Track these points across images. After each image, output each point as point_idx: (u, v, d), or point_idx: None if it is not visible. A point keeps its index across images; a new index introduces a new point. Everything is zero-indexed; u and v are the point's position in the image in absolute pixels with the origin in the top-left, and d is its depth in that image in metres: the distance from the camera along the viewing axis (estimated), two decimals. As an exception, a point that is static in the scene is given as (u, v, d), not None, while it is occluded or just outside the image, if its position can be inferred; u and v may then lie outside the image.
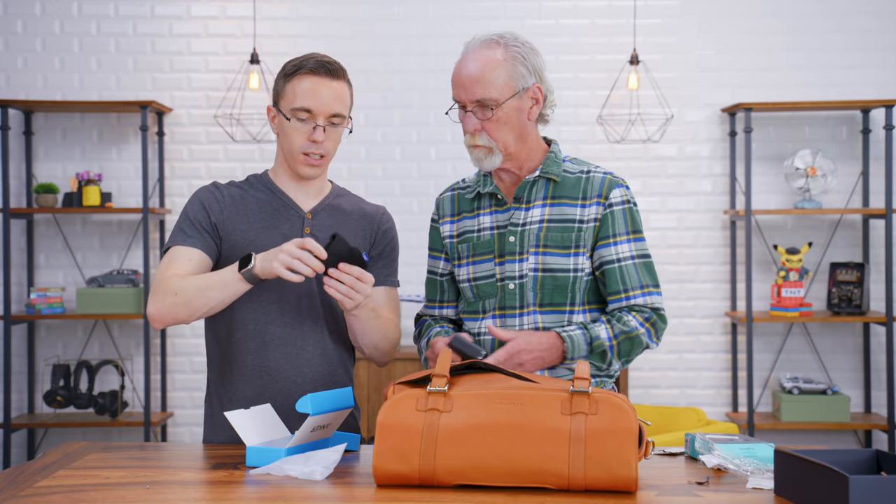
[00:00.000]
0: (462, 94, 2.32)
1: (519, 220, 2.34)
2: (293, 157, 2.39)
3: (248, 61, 5.06)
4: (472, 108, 2.31)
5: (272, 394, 2.37)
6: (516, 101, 2.30)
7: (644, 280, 2.32)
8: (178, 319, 2.30)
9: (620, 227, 2.32)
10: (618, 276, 2.31)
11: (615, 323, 2.29)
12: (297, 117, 2.35)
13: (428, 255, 2.52)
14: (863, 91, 5.09)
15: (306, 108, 2.34)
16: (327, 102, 2.35)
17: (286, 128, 2.38)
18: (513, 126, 2.31)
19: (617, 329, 2.28)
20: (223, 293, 2.25)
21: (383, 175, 5.15)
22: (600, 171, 2.36)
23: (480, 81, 2.28)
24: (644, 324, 2.30)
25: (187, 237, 2.36)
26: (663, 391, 5.15)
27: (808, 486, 1.73)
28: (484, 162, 2.33)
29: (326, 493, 1.88)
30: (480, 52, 2.31)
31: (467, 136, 2.33)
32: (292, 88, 2.35)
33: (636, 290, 2.31)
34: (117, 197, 5.12)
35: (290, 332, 2.39)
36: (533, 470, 1.83)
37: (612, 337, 2.28)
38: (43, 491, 1.89)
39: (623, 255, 2.32)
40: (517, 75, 2.29)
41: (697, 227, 5.16)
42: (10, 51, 5.12)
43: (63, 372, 4.86)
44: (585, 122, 5.14)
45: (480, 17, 5.07)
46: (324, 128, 2.35)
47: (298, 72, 2.36)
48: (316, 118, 2.35)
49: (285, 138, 2.39)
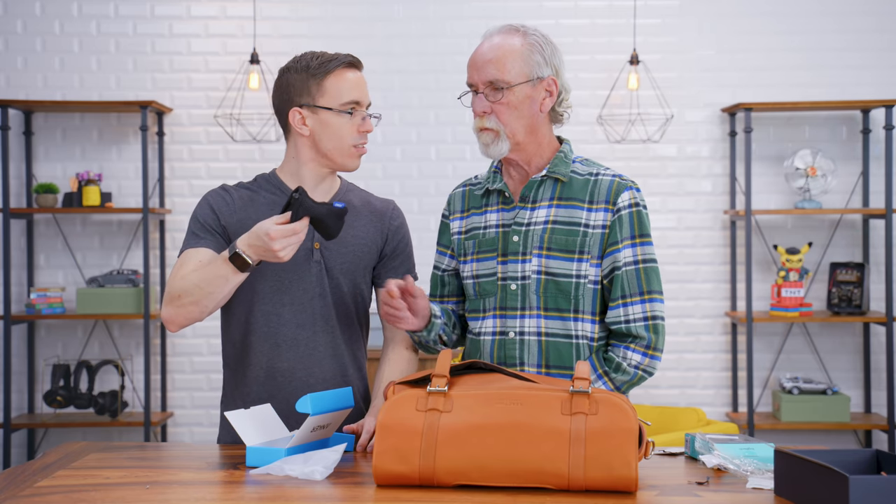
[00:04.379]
0: (475, 75, 2.30)
1: (524, 219, 2.32)
2: (343, 151, 2.39)
3: (248, 61, 5.06)
4: (483, 90, 2.29)
5: (285, 395, 2.38)
6: (529, 87, 2.28)
7: (644, 286, 2.28)
8: (192, 319, 2.30)
9: (626, 232, 2.28)
10: (617, 285, 2.28)
11: (614, 375, 2.27)
12: (347, 111, 2.36)
13: (436, 249, 2.51)
14: (862, 91, 5.09)
15: (355, 100, 2.37)
16: (366, 92, 2.41)
17: (334, 124, 2.37)
18: (522, 113, 2.29)
19: (619, 381, 2.27)
20: (226, 287, 2.25)
21: (383, 175, 5.15)
22: (609, 174, 2.32)
23: (494, 62, 2.27)
24: (645, 355, 2.27)
25: (199, 239, 2.37)
26: (663, 391, 5.15)
27: (808, 486, 1.73)
28: (491, 148, 2.30)
29: (326, 493, 1.88)
30: (499, 37, 2.31)
31: (476, 119, 2.31)
32: (335, 85, 2.36)
33: (635, 297, 2.27)
34: (117, 197, 5.12)
35: (302, 334, 2.39)
36: (533, 470, 1.83)
37: (615, 389, 2.27)
38: (43, 491, 1.89)
39: (626, 261, 2.28)
40: (533, 63, 2.28)
41: (697, 227, 5.17)
42: (10, 51, 5.12)
43: (63, 372, 4.86)
44: (585, 122, 5.14)
45: (480, 17, 5.07)
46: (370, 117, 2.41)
47: (334, 67, 2.37)
48: (363, 108, 2.39)
49: (332, 134, 2.38)
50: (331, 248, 2.41)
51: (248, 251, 2.19)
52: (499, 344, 2.31)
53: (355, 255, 2.43)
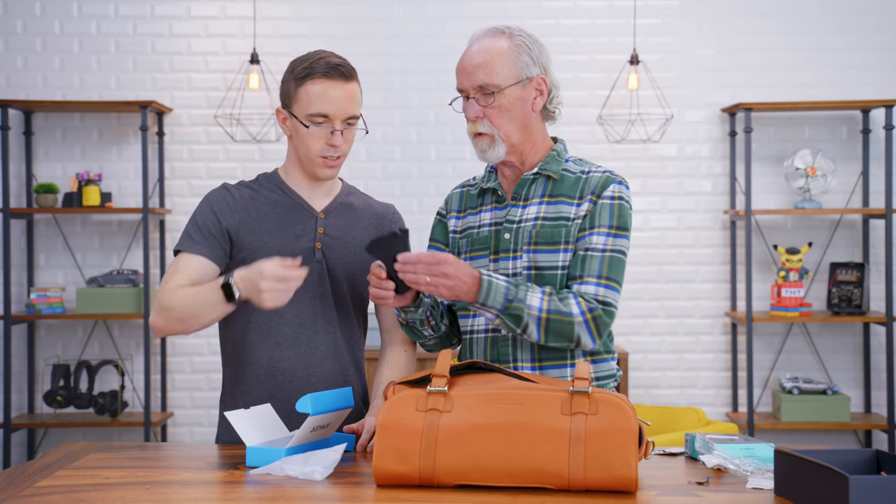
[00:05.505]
0: (465, 80, 2.30)
1: (515, 217, 2.32)
2: (311, 160, 2.36)
3: (248, 61, 5.06)
4: (474, 95, 2.29)
5: (285, 394, 2.38)
6: (519, 89, 2.29)
7: (605, 272, 2.23)
8: (176, 332, 2.32)
9: (604, 220, 2.26)
10: (578, 262, 2.24)
11: (555, 300, 2.20)
12: (314, 122, 2.33)
13: (428, 245, 2.50)
14: (862, 91, 5.09)
15: (323, 113, 2.32)
16: (343, 106, 2.33)
17: (302, 133, 2.34)
18: (515, 115, 2.29)
19: (554, 306, 2.19)
20: (212, 314, 2.24)
21: (383, 175, 5.15)
22: (600, 171, 2.33)
23: (483, 67, 2.27)
24: (585, 313, 2.20)
25: (194, 243, 2.35)
26: (663, 391, 5.15)
27: (808, 486, 1.73)
28: (488, 153, 2.30)
29: (326, 493, 1.88)
30: (485, 41, 2.31)
31: (469, 124, 2.31)
32: (306, 93, 2.32)
33: (591, 278, 2.23)
34: (117, 197, 5.12)
35: (303, 333, 2.39)
36: (533, 470, 1.83)
37: (545, 310, 2.19)
38: (43, 491, 1.89)
39: (594, 246, 2.24)
40: (521, 64, 2.29)
41: (697, 227, 5.16)
42: (10, 51, 5.12)
43: (63, 372, 4.86)
44: (585, 122, 5.14)
45: (480, 17, 5.07)
46: (341, 131, 2.34)
47: (311, 76, 2.32)
48: (333, 122, 2.33)
49: (301, 142, 2.36)
50: (333, 248, 2.41)
51: (240, 283, 2.17)
52: (491, 342, 2.31)
53: (356, 257, 2.44)
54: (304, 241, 2.39)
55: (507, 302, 2.18)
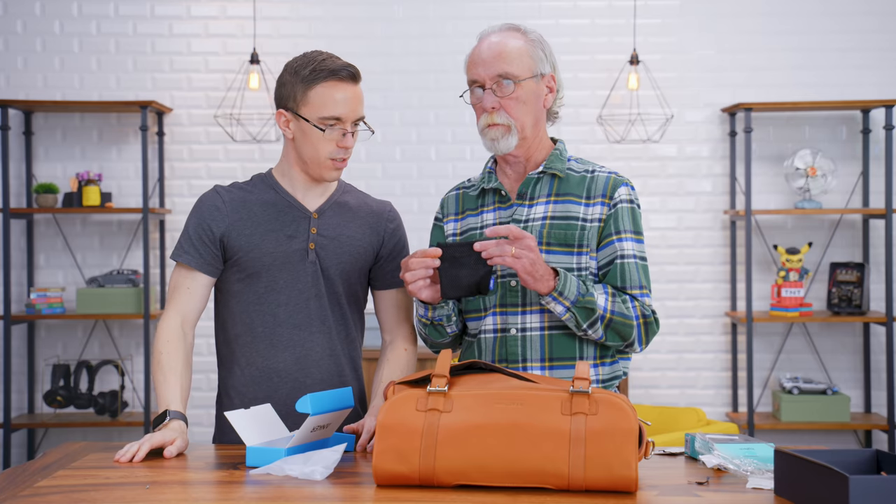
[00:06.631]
0: (482, 70, 2.29)
1: (522, 216, 2.32)
2: (319, 163, 2.35)
3: (248, 61, 5.06)
4: (491, 86, 2.29)
5: (281, 395, 2.38)
6: (535, 83, 2.31)
7: (642, 281, 2.30)
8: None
9: (627, 224, 2.30)
10: (618, 273, 2.28)
11: (618, 301, 2.24)
12: (328, 125, 2.32)
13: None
14: (863, 91, 5.09)
15: (337, 115, 2.31)
16: (355, 108, 2.34)
17: (312, 136, 2.33)
18: (530, 108, 2.30)
19: (617, 307, 2.24)
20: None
21: (383, 175, 5.15)
22: (605, 171, 2.35)
23: (503, 56, 2.28)
24: (639, 318, 2.26)
25: (185, 253, 2.38)
26: (663, 391, 5.15)
27: (808, 486, 1.73)
28: (500, 143, 2.30)
29: (326, 493, 1.88)
30: (500, 34, 2.32)
31: (484, 115, 2.30)
32: (318, 96, 2.31)
33: (635, 290, 2.29)
34: (117, 197, 5.12)
35: (299, 334, 2.39)
36: (533, 470, 1.83)
37: (609, 310, 2.23)
38: (43, 491, 1.89)
39: (627, 253, 2.29)
40: (536, 59, 2.31)
41: (697, 227, 5.16)
42: (10, 51, 5.12)
43: (63, 372, 4.86)
44: (585, 122, 5.14)
45: (480, 17, 5.07)
46: (353, 133, 2.34)
47: (322, 78, 2.31)
48: (345, 124, 2.33)
49: (310, 145, 2.34)
50: (326, 248, 2.40)
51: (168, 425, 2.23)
52: (500, 341, 2.31)
53: (351, 257, 2.43)
54: (297, 242, 2.38)
55: (579, 295, 2.20)
